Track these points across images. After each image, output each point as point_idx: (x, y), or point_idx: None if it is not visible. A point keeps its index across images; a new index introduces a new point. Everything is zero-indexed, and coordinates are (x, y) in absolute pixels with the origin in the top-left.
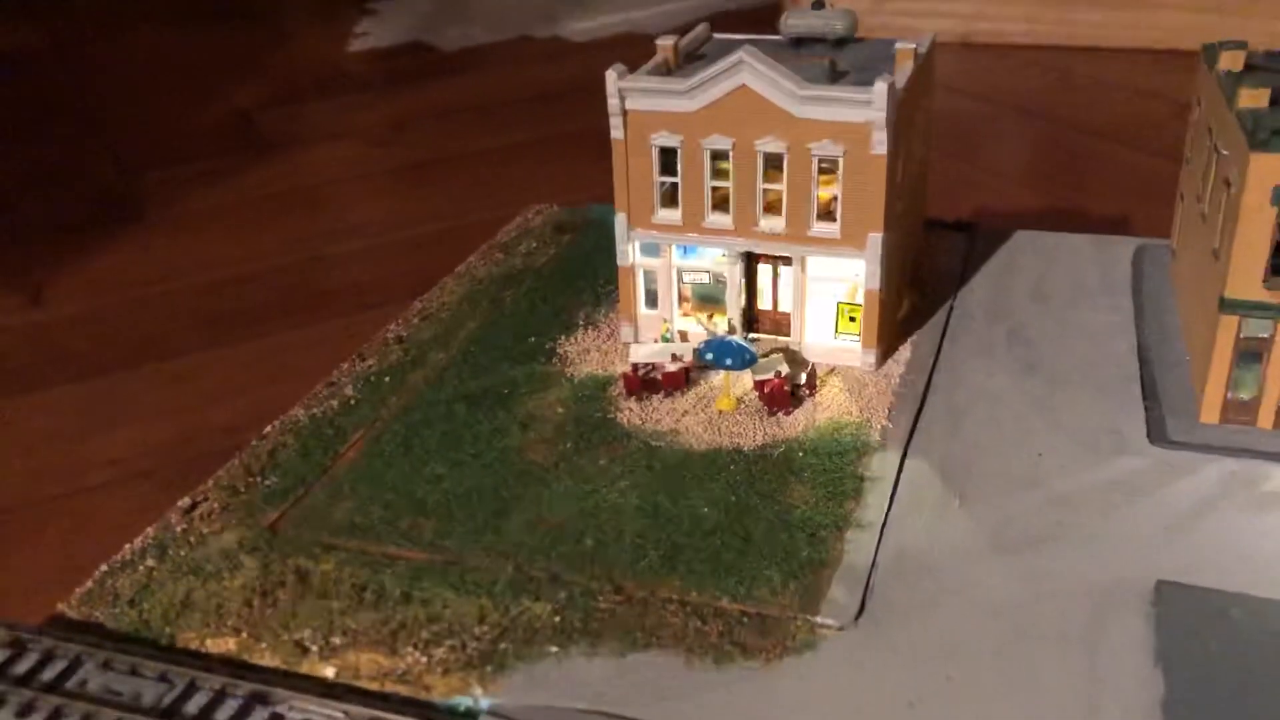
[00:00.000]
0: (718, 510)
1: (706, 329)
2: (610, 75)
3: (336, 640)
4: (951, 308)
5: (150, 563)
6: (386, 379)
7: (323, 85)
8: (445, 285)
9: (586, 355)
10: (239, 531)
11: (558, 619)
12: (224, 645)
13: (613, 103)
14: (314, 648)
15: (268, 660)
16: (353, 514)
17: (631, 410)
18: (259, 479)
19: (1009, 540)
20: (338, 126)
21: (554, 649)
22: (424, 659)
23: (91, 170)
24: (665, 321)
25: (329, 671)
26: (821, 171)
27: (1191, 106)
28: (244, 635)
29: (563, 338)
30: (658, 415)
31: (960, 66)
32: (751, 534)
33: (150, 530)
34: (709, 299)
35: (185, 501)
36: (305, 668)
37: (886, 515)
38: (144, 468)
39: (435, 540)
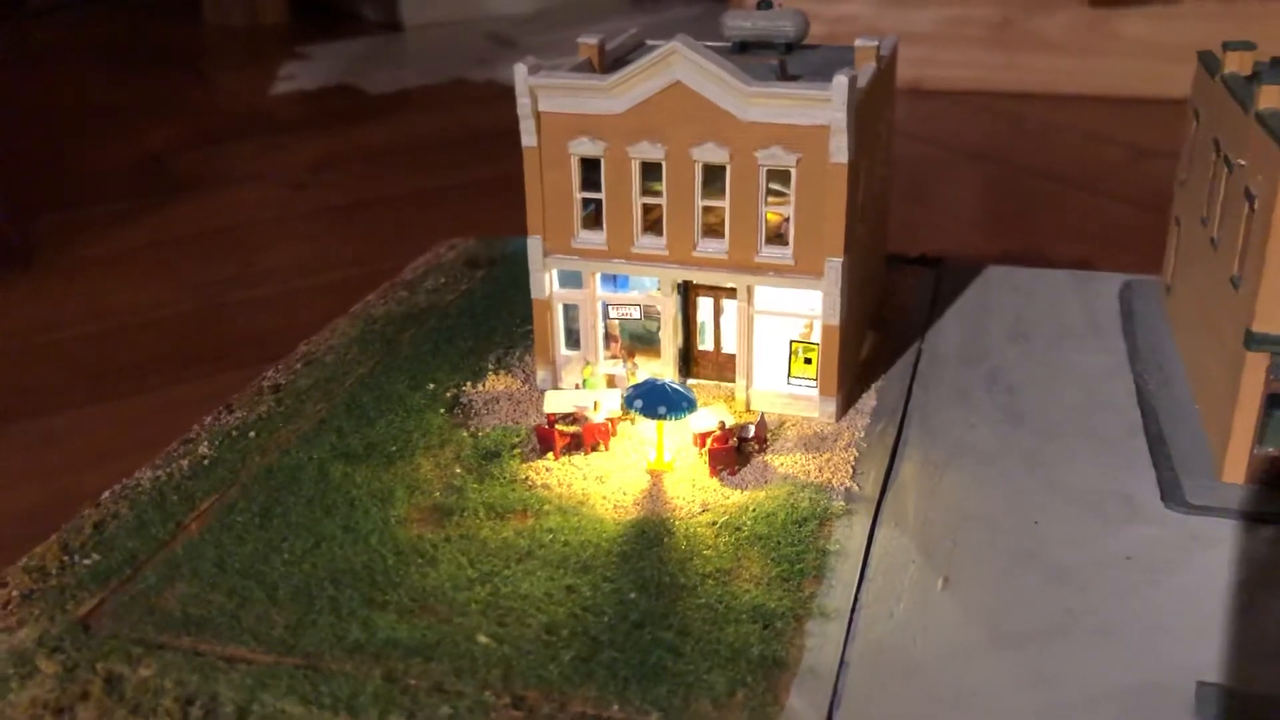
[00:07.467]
0: (647, 596)
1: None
2: (519, 70)
3: None
4: (920, 349)
5: None
6: (252, 434)
7: (240, 127)
8: (336, 326)
9: (495, 405)
10: (40, 626)
11: None
12: None
13: (523, 103)
14: None
15: None
16: (187, 603)
17: (547, 471)
18: (75, 558)
19: (1009, 632)
20: (253, 169)
21: None
22: None
23: None
24: (588, 364)
25: None
26: (771, 184)
27: (1188, 122)
28: None
29: (468, 384)
30: (577, 477)
31: (911, 112)
32: (689, 626)
33: None
34: (640, 339)
35: None
36: None
37: (856, 600)
38: None
39: (287, 638)
